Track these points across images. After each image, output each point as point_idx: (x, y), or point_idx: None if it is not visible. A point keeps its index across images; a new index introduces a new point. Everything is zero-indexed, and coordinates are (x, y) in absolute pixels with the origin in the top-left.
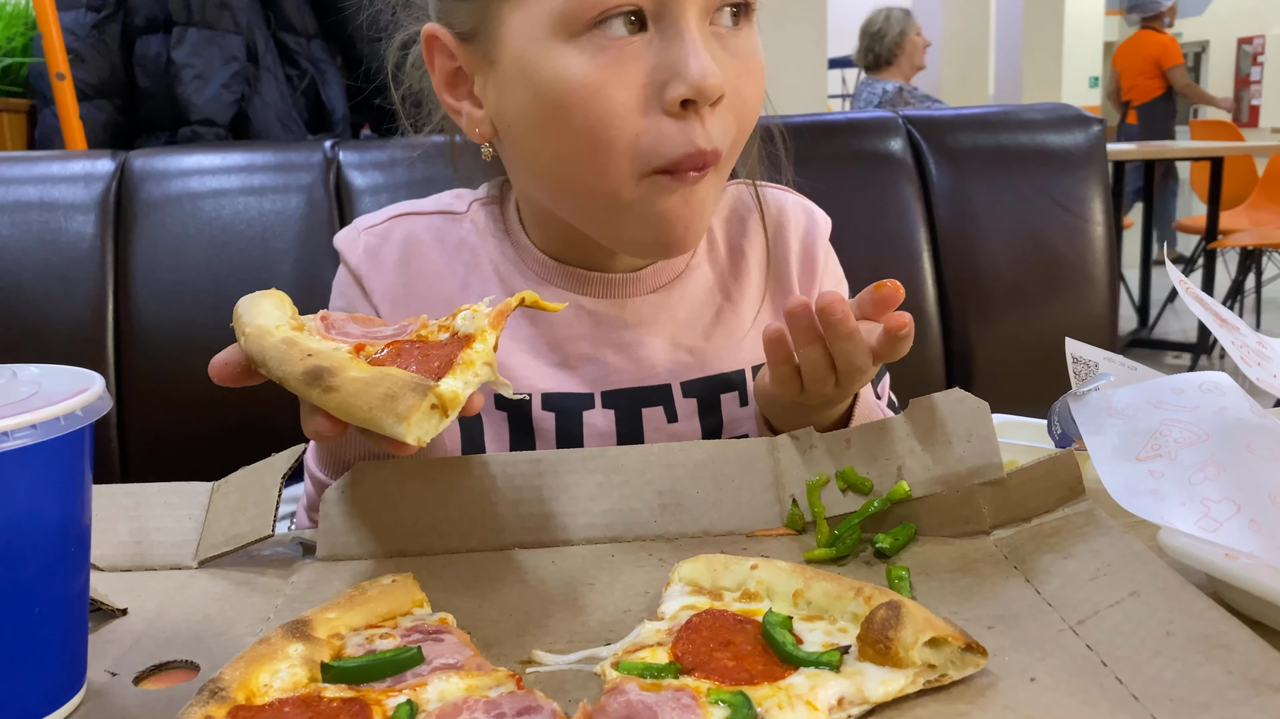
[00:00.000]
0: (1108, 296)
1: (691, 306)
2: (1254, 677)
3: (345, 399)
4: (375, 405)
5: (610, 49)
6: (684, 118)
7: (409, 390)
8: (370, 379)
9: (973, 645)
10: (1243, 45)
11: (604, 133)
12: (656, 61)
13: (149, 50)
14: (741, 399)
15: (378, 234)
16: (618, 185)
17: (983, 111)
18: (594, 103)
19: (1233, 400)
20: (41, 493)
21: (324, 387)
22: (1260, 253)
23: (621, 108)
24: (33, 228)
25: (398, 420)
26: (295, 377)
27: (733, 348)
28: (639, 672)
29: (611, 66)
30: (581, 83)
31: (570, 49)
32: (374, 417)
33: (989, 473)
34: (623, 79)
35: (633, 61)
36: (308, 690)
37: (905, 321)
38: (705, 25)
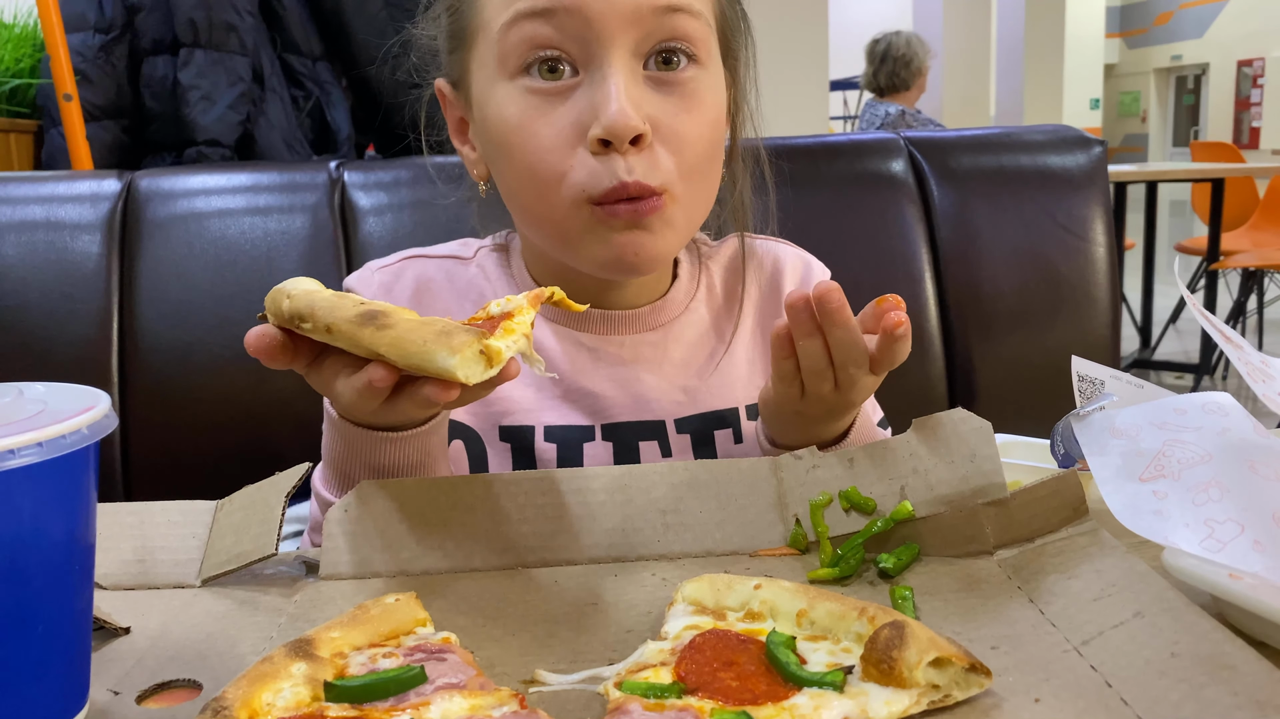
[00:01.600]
0: (1110, 317)
1: (687, 347)
2: (1260, 698)
3: (400, 334)
4: (430, 339)
5: (542, 90)
6: (606, 155)
7: (461, 330)
8: (424, 320)
9: (977, 666)
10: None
11: (537, 168)
12: (585, 103)
13: (156, 71)
14: (736, 436)
15: (391, 273)
16: (561, 216)
17: (984, 133)
18: (527, 140)
19: (1236, 421)
20: (46, 511)
21: (378, 324)
22: (1262, 274)
23: (551, 144)
24: (39, 247)
25: (451, 353)
26: (347, 319)
27: (727, 387)
28: (642, 692)
29: (542, 106)
30: (517, 121)
31: (510, 88)
32: (427, 349)
33: (992, 493)
34: (551, 118)
35: (562, 102)
36: (310, 710)
37: (901, 321)
38: (636, 69)
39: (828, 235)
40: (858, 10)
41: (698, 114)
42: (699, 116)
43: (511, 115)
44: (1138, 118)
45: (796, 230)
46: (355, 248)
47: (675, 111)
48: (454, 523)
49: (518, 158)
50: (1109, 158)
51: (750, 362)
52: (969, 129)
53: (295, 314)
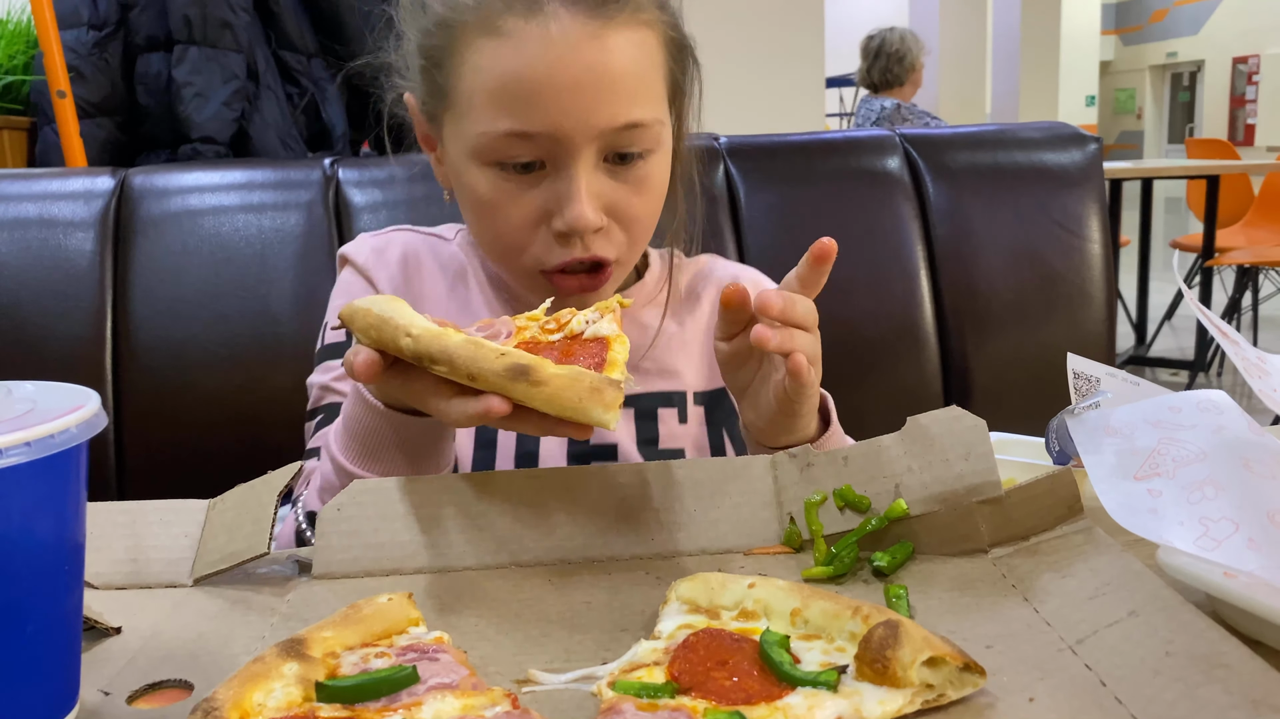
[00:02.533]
0: (1105, 314)
1: (639, 333)
2: (1255, 697)
3: (555, 391)
4: (584, 397)
5: (511, 180)
6: (565, 239)
7: (607, 385)
8: (572, 375)
9: (971, 665)
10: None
11: (503, 240)
12: (550, 194)
13: (150, 68)
14: (681, 416)
15: (382, 239)
16: (518, 272)
17: (980, 130)
18: (496, 218)
19: (1231, 419)
20: (35, 511)
21: (531, 381)
22: (1257, 270)
23: (517, 224)
24: (32, 245)
25: (605, 410)
26: (495, 372)
27: (676, 372)
28: (635, 691)
29: (511, 194)
30: (488, 200)
31: (482, 172)
32: (583, 406)
33: (987, 491)
34: (518, 203)
35: (529, 191)
36: (302, 710)
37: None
38: (598, 165)
39: (822, 232)
40: (854, 7)
41: (647, 196)
42: (648, 196)
43: (482, 193)
44: (1133, 115)
45: (790, 227)
46: None
47: (629, 196)
48: (447, 522)
49: (487, 227)
50: (1104, 155)
51: (701, 354)
52: (964, 126)
53: (425, 356)
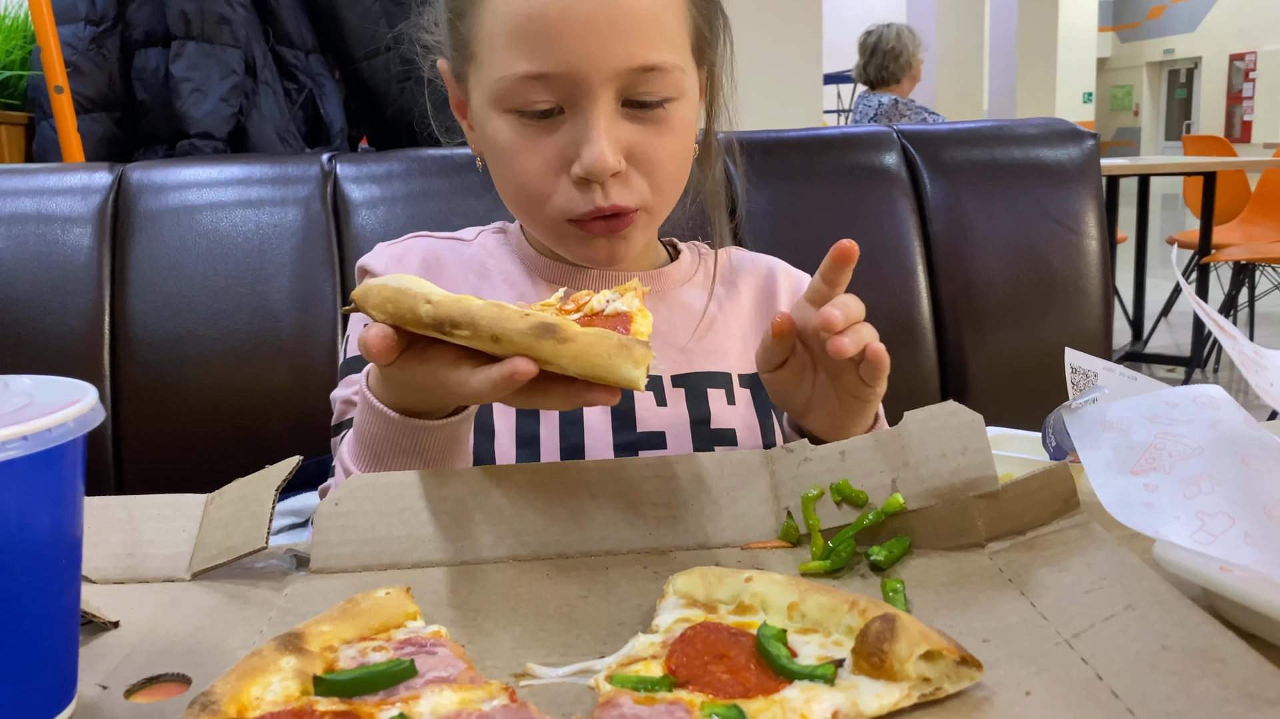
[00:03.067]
0: (1102, 310)
1: (683, 314)
2: (1250, 691)
3: (583, 348)
4: (614, 353)
5: (530, 125)
6: (585, 186)
7: (636, 344)
8: (599, 333)
9: (968, 659)
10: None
11: (525, 189)
12: (569, 138)
13: (147, 64)
14: (729, 398)
15: (400, 247)
16: (545, 225)
17: (977, 126)
18: (516, 166)
19: (1227, 413)
20: (32, 505)
21: (559, 337)
22: (1253, 267)
23: (537, 172)
24: (30, 240)
25: (635, 365)
26: (520, 331)
27: (720, 354)
28: (633, 685)
29: (530, 140)
30: (507, 148)
31: (502, 119)
32: (613, 362)
33: (983, 485)
34: (537, 149)
35: (547, 136)
36: (300, 704)
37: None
38: (616, 108)
39: (820, 228)
40: (852, 4)
41: (670, 139)
42: (671, 141)
43: (503, 141)
44: (1130, 111)
45: (789, 223)
46: (348, 240)
47: (650, 139)
48: (445, 516)
49: (509, 177)
50: (1101, 151)
51: (744, 339)
52: (962, 122)
53: (445, 321)
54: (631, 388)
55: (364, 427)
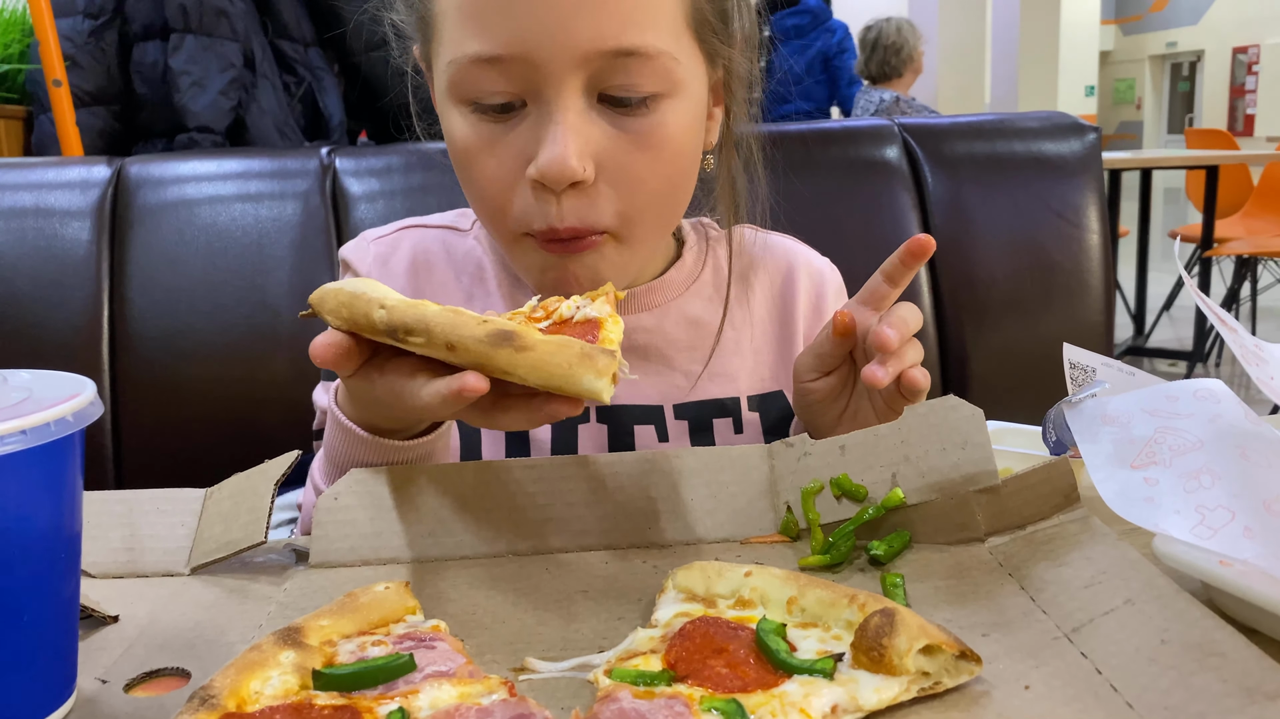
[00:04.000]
0: (1103, 304)
1: (688, 330)
2: (1249, 685)
3: (541, 357)
4: (575, 362)
5: (487, 121)
6: (542, 194)
7: (600, 353)
8: (560, 342)
9: (967, 653)
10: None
11: (482, 193)
12: (529, 136)
13: (146, 57)
14: (736, 426)
15: (387, 244)
16: (505, 238)
17: (979, 119)
18: (473, 168)
19: (1227, 408)
20: (31, 499)
21: (516, 346)
22: (1255, 261)
23: (494, 175)
24: (28, 234)
25: (598, 376)
26: (478, 339)
27: (729, 376)
28: (632, 679)
29: (487, 138)
30: (463, 147)
31: (457, 112)
32: (574, 373)
33: (983, 480)
34: (495, 150)
35: (507, 135)
36: (299, 698)
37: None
38: (588, 104)
39: (821, 222)
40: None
41: (655, 152)
42: (656, 154)
43: (459, 139)
44: (1133, 105)
45: (789, 218)
46: (347, 234)
47: (628, 150)
48: (444, 511)
49: (466, 181)
50: (1103, 145)
51: (756, 353)
52: (963, 115)
53: (399, 328)
54: (594, 400)
55: (333, 444)
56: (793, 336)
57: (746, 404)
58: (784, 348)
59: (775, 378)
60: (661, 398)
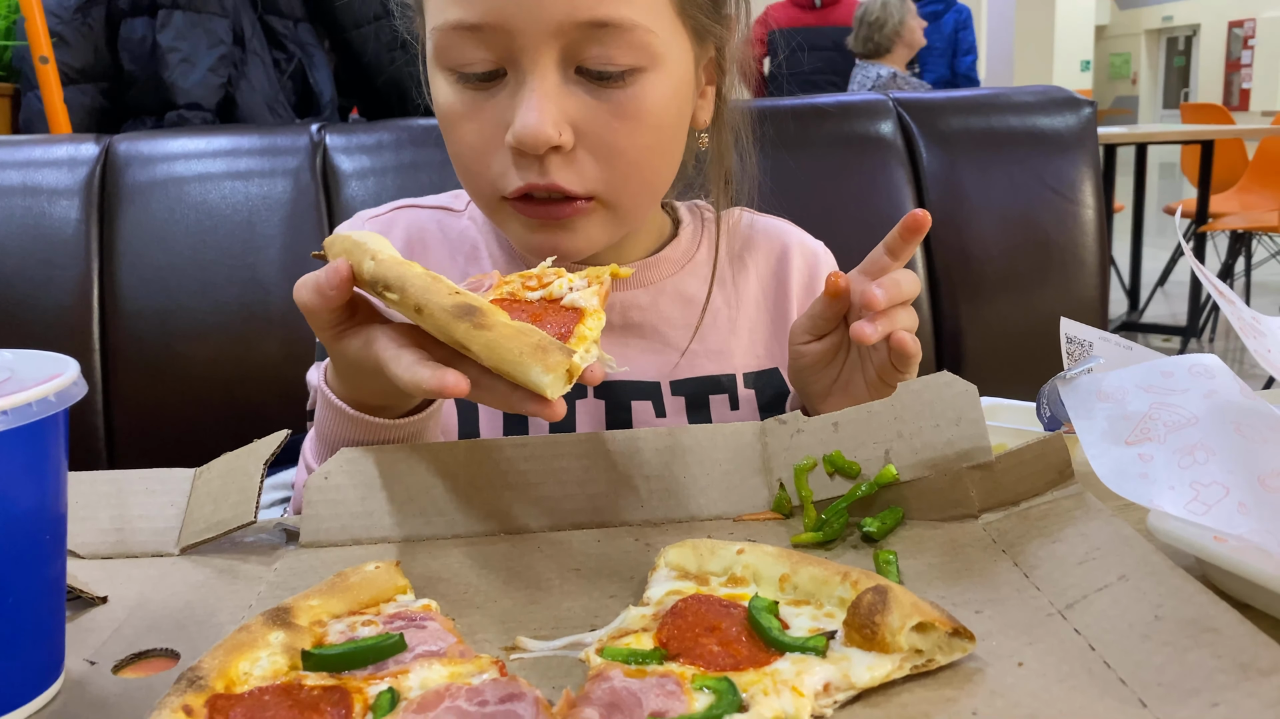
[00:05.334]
0: (1098, 280)
1: (684, 307)
2: (1243, 661)
3: (496, 339)
4: (526, 352)
5: (469, 89)
6: (521, 160)
7: (556, 349)
8: (520, 328)
9: (960, 630)
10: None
11: (463, 158)
12: (508, 103)
13: (134, 33)
14: (732, 403)
15: (382, 223)
16: (484, 201)
17: (974, 94)
18: (454, 134)
19: (1222, 383)
20: (14, 479)
21: (476, 323)
22: (1250, 236)
23: (475, 140)
24: (16, 213)
25: (545, 371)
26: (444, 308)
27: (725, 354)
28: (623, 658)
29: (469, 104)
30: (445, 113)
31: (442, 78)
32: (524, 361)
33: (977, 456)
34: (476, 116)
35: (487, 102)
36: (288, 679)
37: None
38: (564, 73)
39: (815, 198)
40: None
41: (633, 122)
42: (635, 124)
43: (443, 105)
44: (1128, 80)
45: (783, 193)
46: (337, 212)
47: (607, 120)
48: (435, 490)
49: (450, 146)
50: (1098, 120)
51: (751, 331)
52: (958, 90)
53: (380, 280)
54: (540, 393)
55: (324, 423)
56: (787, 315)
57: (742, 381)
58: (778, 326)
59: (770, 355)
60: (658, 374)
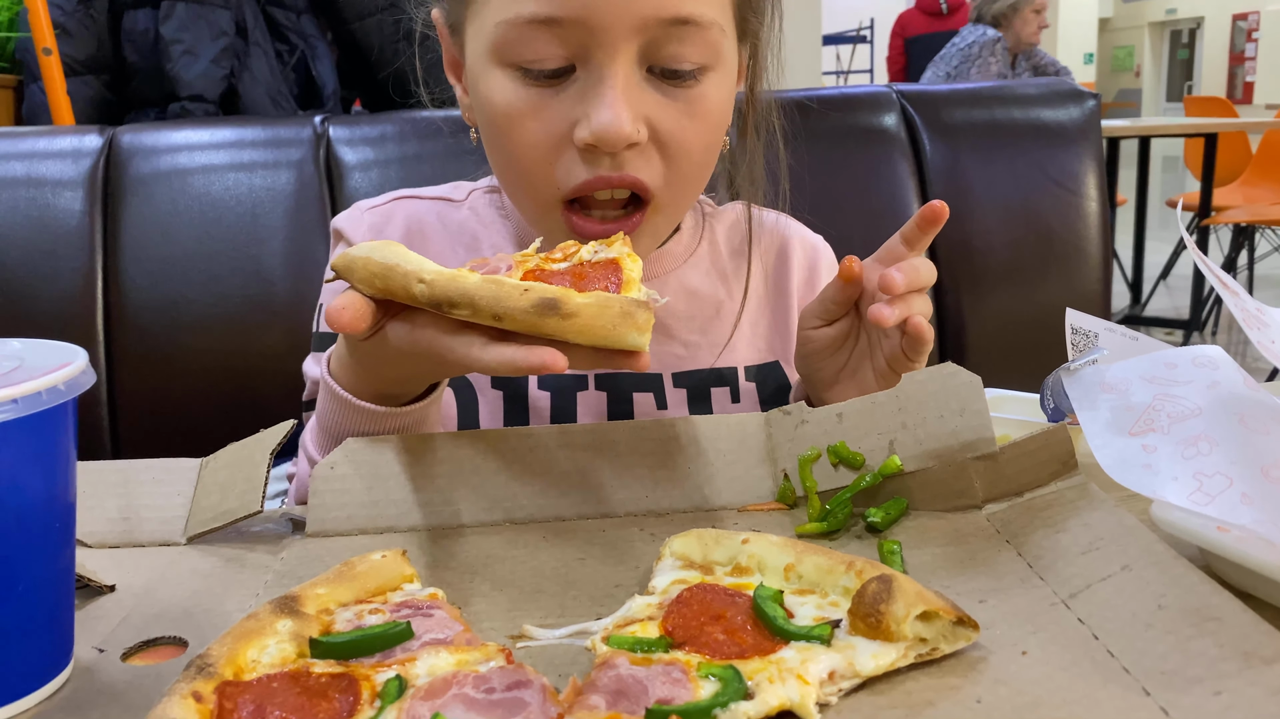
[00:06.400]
0: (1101, 273)
1: (686, 300)
2: (1245, 649)
3: (588, 321)
4: (617, 323)
5: (534, 85)
6: (592, 156)
7: (637, 308)
8: (599, 302)
9: (964, 619)
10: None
11: (522, 161)
12: (578, 100)
13: (137, 25)
14: (733, 396)
15: (381, 214)
16: (539, 209)
17: (978, 86)
18: (514, 132)
19: (1226, 374)
20: (23, 468)
21: (562, 315)
22: (1253, 229)
23: (537, 140)
24: (20, 204)
25: (640, 333)
26: (524, 310)
27: (728, 347)
28: (629, 646)
29: (533, 102)
30: (505, 111)
31: (502, 75)
32: (617, 332)
33: (981, 447)
34: (541, 114)
35: (554, 100)
36: (296, 666)
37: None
38: (638, 74)
39: (818, 190)
40: None
41: (701, 121)
42: (702, 124)
43: (501, 103)
44: (1131, 72)
45: (788, 184)
46: (340, 203)
47: (678, 117)
48: (441, 480)
49: (504, 146)
50: (1102, 113)
51: (753, 325)
52: (962, 83)
53: (443, 301)
54: (637, 351)
55: (326, 414)
56: (788, 310)
57: (744, 374)
58: (779, 320)
59: (771, 349)
60: (660, 366)
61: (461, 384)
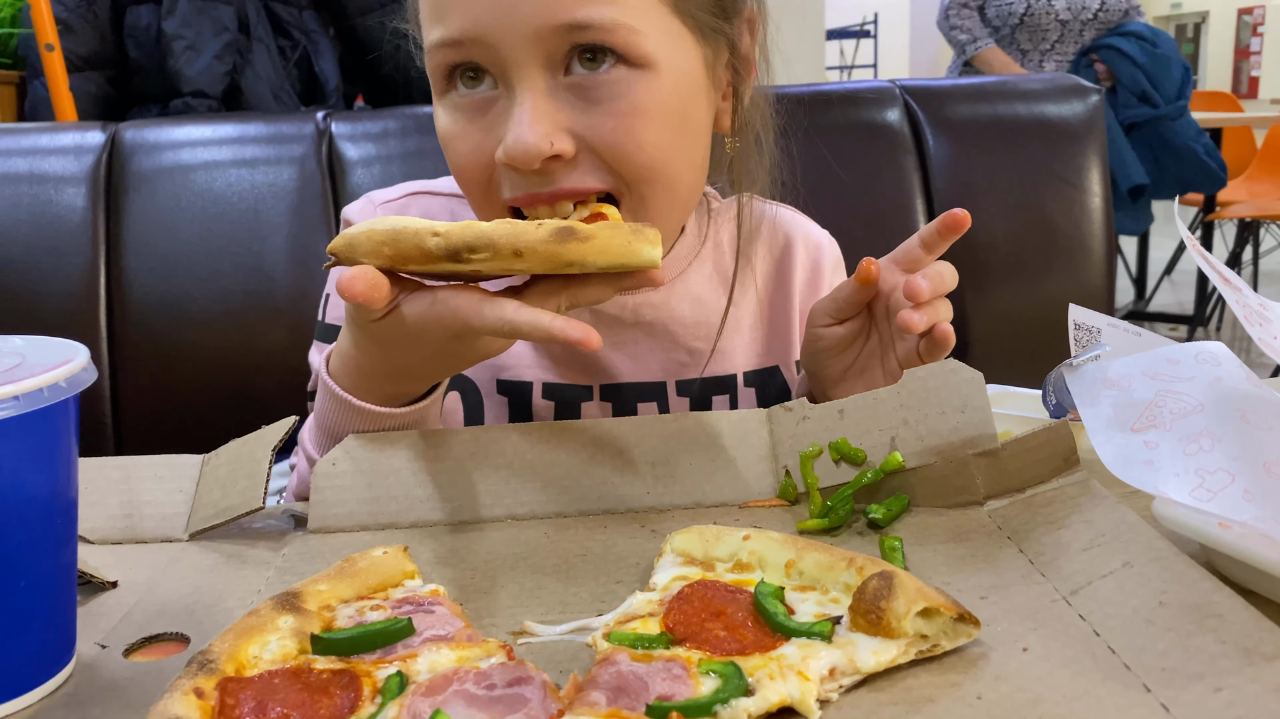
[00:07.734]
0: (1104, 268)
1: (692, 306)
2: (1246, 646)
3: (605, 242)
4: (631, 239)
5: (462, 107)
6: (518, 174)
7: (643, 227)
8: (609, 225)
9: (965, 616)
10: (1243, 16)
11: (463, 176)
12: (500, 121)
13: (139, 21)
14: (732, 403)
15: (395, 208)
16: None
17: (981, 82)
18: (452, 153)
19: (1229, 370)
20: (25, 465)
21: (580, 238)
22: (1258, 224)
23: (471, 158)
24: (22, 200)
25: (653, 246)
26: (544, 240)
27: (727, 353)
28: (630, 642)
29: (461, 123)
30: (444, 134)
31: (441, 104)
32: (632, 247)
33: (983, 443)
34: (469, 134)
35: (479, 118)
36: (297, 662)
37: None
38: (552, 79)
39: (821, 186)
40: None
41: (631, 121)
42: (634, 123)
43: (440, 126)
44: None
45: (788, 182)
46: (343, 199)
47: (604, 121)
48: (441, 476)
49: (451, 164)
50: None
51: (752, 328)
52: (965, 78)
53: (461, 247)
54: (652, 267)
55: (325, 414)
56: (789, 312)
57: (742, 380)
58: (778, 323)
59: (770, 353)
60: (665, 374)
61: (470, 387)
